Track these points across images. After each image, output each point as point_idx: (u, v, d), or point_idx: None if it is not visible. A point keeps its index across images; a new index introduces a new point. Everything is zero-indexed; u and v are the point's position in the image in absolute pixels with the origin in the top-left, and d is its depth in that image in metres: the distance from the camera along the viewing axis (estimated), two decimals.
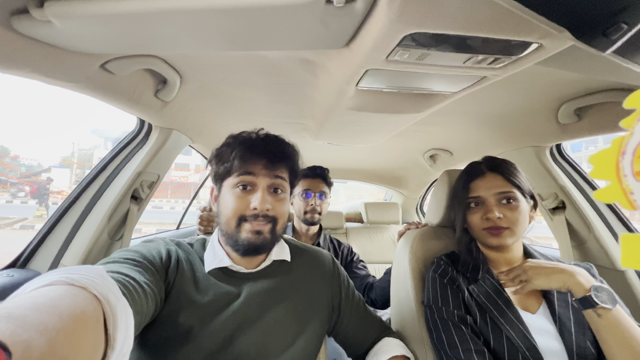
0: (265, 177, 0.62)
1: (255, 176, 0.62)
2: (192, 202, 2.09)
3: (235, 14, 0.49)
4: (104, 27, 0.55)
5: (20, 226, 9.18)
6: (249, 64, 0.84)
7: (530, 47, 0.51)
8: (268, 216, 0.62)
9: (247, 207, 0.61)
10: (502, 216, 0.72)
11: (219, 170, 0.65)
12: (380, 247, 2.03)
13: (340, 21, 0.51)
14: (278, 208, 0.64)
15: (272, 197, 0.63)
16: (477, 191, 0.77)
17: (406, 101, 0.84)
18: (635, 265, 0.20)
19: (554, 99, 0.96)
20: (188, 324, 0.56)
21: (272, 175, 0.63)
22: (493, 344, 0.65)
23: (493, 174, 0.77)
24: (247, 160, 0.62)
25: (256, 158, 0.62)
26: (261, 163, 0.62)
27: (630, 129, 0.21)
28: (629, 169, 0.20)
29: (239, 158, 0.61)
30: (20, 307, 0.28)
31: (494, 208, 0.73)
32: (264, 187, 0.62)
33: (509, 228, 0.72)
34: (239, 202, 0.61)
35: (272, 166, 0.63)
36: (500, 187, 0.75)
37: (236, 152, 0.62)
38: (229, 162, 0.62)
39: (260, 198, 0.61)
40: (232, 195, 0.62)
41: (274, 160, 0.63)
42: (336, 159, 2.15)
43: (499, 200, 0.74)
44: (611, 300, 0.60)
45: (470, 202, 0.79)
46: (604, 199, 0.21)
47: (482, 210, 0.76)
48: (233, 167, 0.62)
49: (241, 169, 0.62)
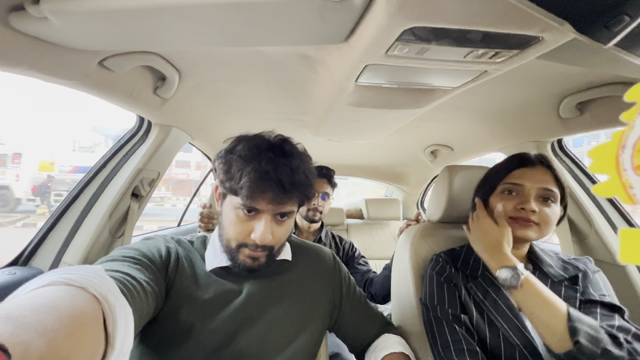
0: (270, 210, 0.58)
1: (260, 210, 0.58)
2: (192, 199, 2.10)
3: (233, 9, 0.49)
4: (101, 23, 0.54)
5: (22, 224, 9.23)
6: (248, 60, 0.83)
7: (531, 41, 0.50)
8: (266, 246, 0.59)
9: (249, 235, 0.58)
10: (538, 211, 0.69)
11: (225, 183, 0.59)
12: (381, 243, 2.04)
13: (338, 16, 0.50)
14: (279, 234, 0.61)
15: (276, 224, 0.60)
16: (521, 179, 0.72)
17: (406, 96, 0.84)
18: (634, 260, 0.20)
19: (555, 93, 0.95)
20: (189, 321, 0.56)
21: (278, 208, 0.59)
22: (490, 341, 0.65)
23: (545, 168, 0.73)
24: (254, 191, 0.56)
25: (264, 189, 0.56)
26: (270, 195, 0.57)
27: (631, 123, 0.21)
28: (629, 163, 0.20)
29: (247, 188, 0.55)
30: (19, 308, 0.28)
31: (532, 200, 0.70)
32: (267, 219, 0.58)
33: (539, 224, 0.70)
34: (241, 228, 0.58)
35: (280, 200, 0.58)
36: (548, 183, 0.71)
37: (244, 182, 0.55)
38: (236, 183, 0.57)
39: (263, 230, 0.57)
40: (234, 217, 0.59)
41: (284, 192, 0.57)
42: (337, 156, 2.15)
43: (539, 196, 0.71)
44: (514, 279, 0.63)
45: (506, 188, 0.74)
46: (603, 193, 0.21)
47: (517, 199, 0.72)
48: (239, 192, 0.57)
49: (247, 201, 0.57)
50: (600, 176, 0.23)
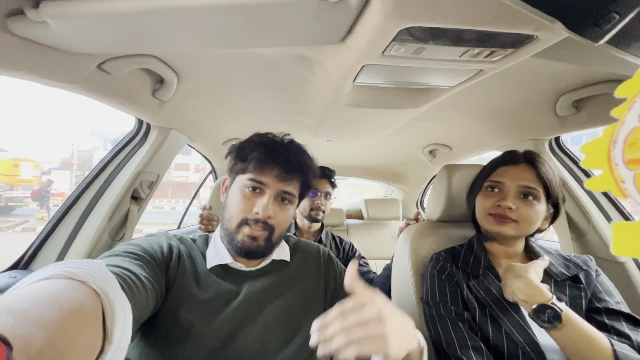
0: (275, 186, 0.63)
1: (265, 185, 0.63)
2: (192, 201, 2.10)
3: (230, 12, 0.49)
4: (100, 27, 0.55)
5: (22, 229, 9.21)
6: (245, 62, 0.84)
7: (525, 39, 0.51)
8: (267, 224, 0.62)
9: (251, 210, 0.62)
10: (515, 208, 0.70)
11: (236, 165, 0.66)
12: (381, 243, 2.04)
13: (335, 17, 0.50)
14: (280, 217, 0.64)
15: (278, 206, 0.64)
16: (502, 177, 0.74)
17: (404, 96, 0.84)
18: (626, 252, 0.20)
19: (551, 91, 0.95)
20: (188, 321, 0.56)
21: (283, 185, 0.64)
22: (493, 339, 0.65)
23: (528, 166, 0.73)
24: (262, 164, 0.62)
25: (272, 163, 0.63)
26: (276, 171, 0.63)
27: (622, 118, 0.21)
28: (620, 157, 0.20)
29: (256, 160, 0.62)
30: (20, 301, 0.28)
31: (509, 197, 0.71)
32: (271, 194, 0.63)
33: (516, 221, 0.70)
34: (245, 203, 0.62)
35: (286, 176, 0.63)
36: (527, 180, 0.71)
37: (255, 154, 0.62)
38: (246, 161, 0.63)
39: (265, 204, 0.61)
40: (240, 194, 0.63)
41: (289, 169, 0.63)
42: (336, 156, 2.15)
43: (519, 193, 0.71)
44: (555, 318, 0.57)
45: (489, 185, 0.76)
46: (596, 187, 0.21)
47: (497, 197, 0.74)
48: (248, 167, 0.63)
49: (254, 173, 0.62)
50: (597, 172, 0.24)
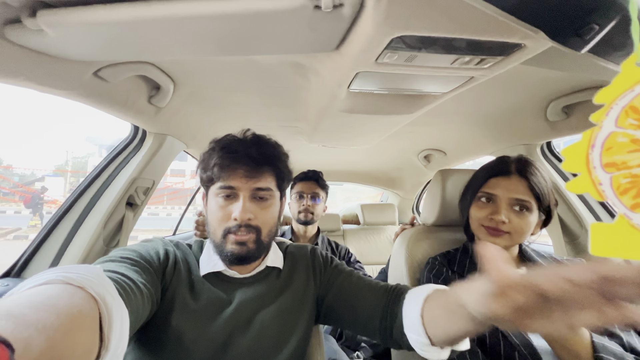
0: (245, 186, 0.60)
1: (236, 188, 0.60)
2: (187, 208, 2.09)
3: (225, 20, 0.50)
4: (96, 34, 0.55)
5: (14, 236, 9.06)
6: (241, 68, 0.85)
7: (514, 48, 0.52)
8: (251, 226, 0.60)
9: (230, 217, 0.59)
10: (508, 221, 0.70)
11: (204, 177, 0.64)
12: (377, 248, 2.04)
13: (329, 26, 0.52)
14: (262, 216, 0.61)
15: (256, 205, 0.61)
16: (494, 188, 0.74)
17: (398, 102, 0.86)
18: (603, 252, 0.21)
19: (542, 97, 0.98)
20: (179, 329, 0.55)
21: (253, 183, 0.61)
22: (489, 341, 0.65)
23: (519, 178, 0.73)
24: (226, 168, 0.60)
25: (236, 165, 0.60)
26: (241, 171, 0.60)
27: (599, 123, 0.22)
28: (597, 161, 0.21)
29: (219, 167, 0.60)
30: (19, 305, 0.28)
31: (502, 211, 0.71)
32: (245, 196, 0.60)
33: (509, 233, 0.71)
34: (222, 213, 0.60)
35: (254, 173, 0.61)
36: (520, 193, 0.71)
37: (216, 160, 0.60)
38: (210, 169, 0.61)
39: (241, 208, 0.59)
40: (215, 205, 0.61)
41: (255, 166, 0.61)
42: (331, 162, 2.17)
43: (511, 205, 0.72)
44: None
45: (482, 196, 0.77)
46: (575, 189, 0.22)
47: (490, 208, 0.74)
48: (214, 175, 0.61)
49: (221, 179, 0.60)
50: None
